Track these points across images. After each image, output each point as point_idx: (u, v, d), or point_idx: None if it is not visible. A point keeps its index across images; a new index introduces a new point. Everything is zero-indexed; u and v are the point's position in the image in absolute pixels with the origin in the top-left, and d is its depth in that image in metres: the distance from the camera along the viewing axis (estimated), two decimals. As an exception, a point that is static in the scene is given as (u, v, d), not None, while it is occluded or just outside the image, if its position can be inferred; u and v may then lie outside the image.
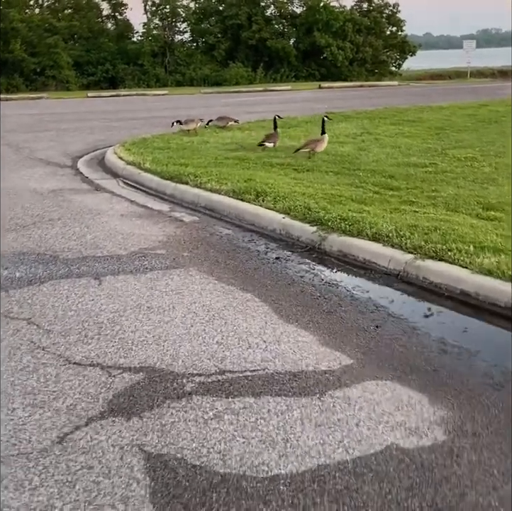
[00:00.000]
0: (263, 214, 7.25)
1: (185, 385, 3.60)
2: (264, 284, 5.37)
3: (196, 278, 5.48)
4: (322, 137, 11.31)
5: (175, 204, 8.59)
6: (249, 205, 7.63)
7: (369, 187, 8.80)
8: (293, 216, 6.96)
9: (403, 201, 7.91)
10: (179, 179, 9.14)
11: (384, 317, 4.66)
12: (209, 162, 10.44)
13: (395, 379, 3.72)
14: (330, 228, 6.40)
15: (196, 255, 6.20)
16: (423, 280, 5.28)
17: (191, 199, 8.48)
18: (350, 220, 6.48)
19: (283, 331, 4.39)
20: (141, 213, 7.99)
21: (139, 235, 6.89)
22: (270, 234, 6.99)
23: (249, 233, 7.09)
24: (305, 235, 6.54)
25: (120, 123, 19.97)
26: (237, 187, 8.21)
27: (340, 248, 6.10)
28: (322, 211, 6.89)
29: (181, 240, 6.73)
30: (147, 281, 5.40)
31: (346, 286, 5.34)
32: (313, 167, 10.23)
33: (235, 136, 14.15)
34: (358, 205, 7.46)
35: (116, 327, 4.43)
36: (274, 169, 10.01)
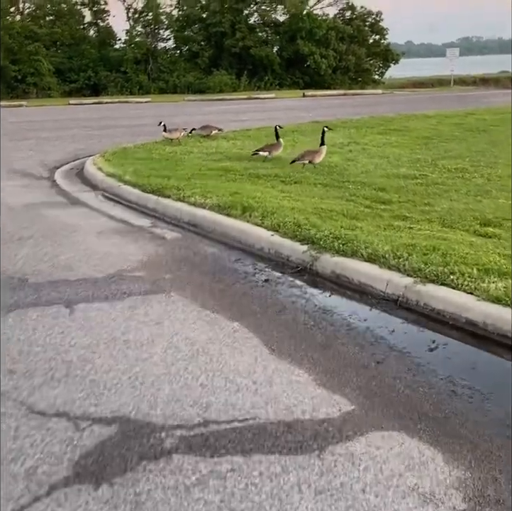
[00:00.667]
0: (250, 231, 6.81)
1: (164, 440, 3.14)
2: (252, 311, 4.92)
3: (178, 305, 5.02)
4: (320, 148, 10.93)
5: (157, 219, 8.13)
6: (235, 221, 7.18)
7: (359, 200, 8.40)
8: (282, 234, 6.52)
9: (395, 215, 7.51)
10: (161, 193, 8.68)
11: (384, 351, 4.22)
12: (193, 174, 9.99)
13: (402, 429, 3.28)
14: (322, 247, 5.97)
15: (179, 277, 5.74)
16: (424, 307, 4.86)
17: (174, 213, 8.03)
18: (343, 238, 6.05)
19: (275, 368, 3.94)
20: (120, 230, 7.52)
21: (117, 255, 6.42)
22: (258, 253, 6.55)
23: (236, 251, 6.65)
24: (296, 255, 6.10)
25: (102, 131, 19.49)
26: (223, 201, 7.77)
27: (333, 269, 5.67)
28: (313, 228, 6.46)
29: (162, 261, 6.26)
30: (124, 309, 4.93)
31: (342, 313, 4.90)
32: (300, 179, 9.81)
33: (220, 146, 13.71)
34: (350, 221, 7.05)
35: (87, 366, 3.96)
36: (260, 182, 9.58)
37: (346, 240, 6.01)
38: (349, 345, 4.30)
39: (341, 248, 5.85)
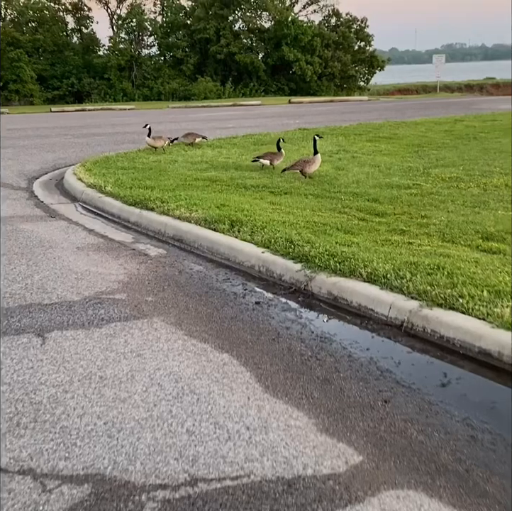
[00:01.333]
0: (239, 248, 6.36)
1: (144, 505, 2.69)
2: (243, 339, 4.48)
3: (162, 333, 4.57)
4: (313, 157, 10.51)
5: (139, 234, 7.68)
6: (223, 236, 6.74)
7: (353, 212, 8.00)
8: (273, 251, 6.08)
9: (392, 229, 7.11)
10: (144, 205, 8.22)
11: (391, 387, 3.79)
12: (177, 185, 9.54)
13: (419, 486, 2.85)
14: (318, 266, 5.53)
15: (162, 300, 5.28)
16: (431, 334, 4.43)
17: (158, 227, 7.57)
18: (340, 256, 5.62)
19: (270, 410, 3.50)
20: (100, 246, 7.06)
21: (96, 275, 5.96)
22: (248, 271, 6.11)
23: (224, 269, 6.21)
24: (289, 274, 5.66)
25: (84, 139, 18.99)
26: (209, 214, 7.32)
27: (330, 291, 5.23)
28: (306, 244, 6.03)
29: (144, 280, 5.81)
30: (101, 338, 4.47)
31: (341, 341, 4.47)
32: (290, 190, 9.40)
33: (205, 154, 13.27)
34: (345, 235, 6.63)
35: (58, 409, 3.50)
36: (248, 193, 9.15)
37: (343, 257, 5.58)
38: (352, 381, 3.87)
39: (338, 266, 5.42)
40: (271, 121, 24.15)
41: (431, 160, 12.85)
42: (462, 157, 13.23)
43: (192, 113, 30.28)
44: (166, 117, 27.40)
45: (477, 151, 14.16)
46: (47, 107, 37.36)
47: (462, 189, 9.85)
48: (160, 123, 22.89)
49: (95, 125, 23.74)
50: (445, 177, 10.76)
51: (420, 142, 15.88)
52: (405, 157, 13.38)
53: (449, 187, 9.96)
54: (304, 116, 26.17)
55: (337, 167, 11.97)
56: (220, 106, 36.88)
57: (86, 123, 25.30)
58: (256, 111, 30.89)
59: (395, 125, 20.21)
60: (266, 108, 34.16)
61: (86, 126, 23.46)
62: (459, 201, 8.91)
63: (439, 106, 33.47)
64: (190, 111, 33.39)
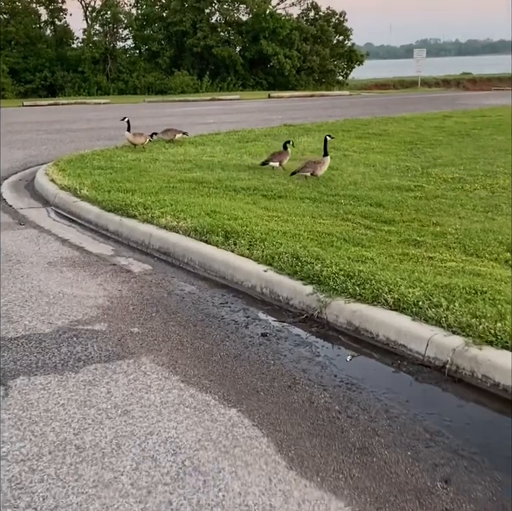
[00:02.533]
0: (237, 264, 5.52)
1: None
2: (253, 387, 3.65)
3: (152, 379, 3.73)
4: (323, 159, 9.70)
5: (120, 245, 6.82)
6: (217, 250, 5.89)
7: (357, 219, 7.22)
8: (277, 269, 5.25)
9: (405, 240, 6.35)
10: (124, 212, 7.34)
11: (449, 459, 2.99)
12: (161, 187, 8.66)
13: None
14: (333, 289, 4.72)
15: (151, 331, 4.44)
16: (483, 380, 3.64)
17: (141, 238, 6.71)
18: (357, 277, 4.81)
19: (301, 498, 2.68)
20: (75, 260, 6.18)
21: (71, 298, 5.09)
22: (248, 292, 5.28)
23: (220, 290, 5.37)
24: (299, 298, 4.84)
25: (57, 135, 17.99)
26: (200, 223, 6.47)
27: (349, 320, 4.42)
28: (315, 261, 5.21)
29: (128, 305, 4.95)
30: (78, 387, 3.62)
31: (373, 389, 3.66)
32: (284, 193, 8.59)
33: (188, 152, 12.38)
34: (355, 248, 5.84)
35: (23, 500, 2.65)
36: (239, 196, 8.32)
37: (361, 279, 4.77)
38: (396, 449, 3.06)
39: (357, 290, 4.61)
40: (252, 116, 23.29)
41: (428, 159, 12.13)
42: (459, 155, 12.52)
43: (170, 108, 29.30)
44: (143, 111, 26.39)
45: (474, 149, 13.46)
46: (19, 101, 36.05)
47: (468, 191, 9.14)
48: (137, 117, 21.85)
49: (69, 121, 22.69)
50: (447, 178, 10.04)
51: (412, 139, 15.14)
52: (399, 156, 12.64)
53: (453, 189, 9.24)
54: (286, 111, 25.33)
55: (330, 167, 11.12)
56: (198, 101, 35.90)
57: (59, 117, 24.23)
58: (236, 106, 30.00)
59: (383, 121, 19.47)
60: (246, 103, 33.26)
61: (59, 121, 22.40)
62: (468, 205, 8.20)
63: (422, 101, 32.84)
64: (167, 105, 32.38)
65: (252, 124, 19.27)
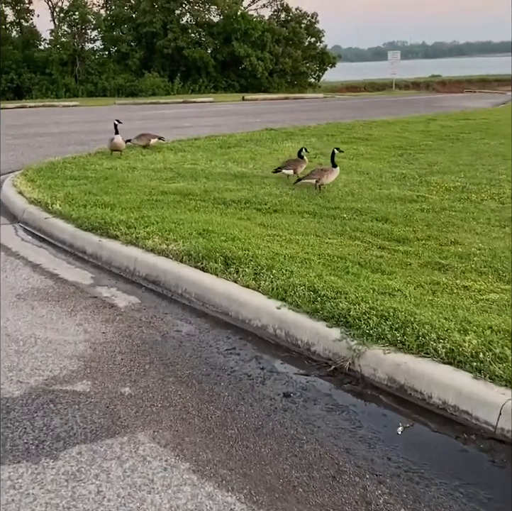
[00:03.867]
0: (243, 299, 4.67)
1: None
2: (286, 480, 2.82)
3: (154, 468, 2.87)
4: (331, 168, 8.98)
5: (100, 271, 5.93)
6: (217, 280, 5.04)
7: (367, 237, 6.44)
8: (293, 305, 4.42)
9: (427, 263, 5.60)
10: (104, 231, 6.44)
11: None
12: (142, 200, 7.78)
13: None
14: (366, 333, 3.89)
15: (146, 392, 3.58)
16: None
17: (125, 263, 5.82)
18: (393, 317, 4.00)
19: None
20: (49, 292, 5.28)
21: (45, 344, 4.21)
22: (258, 334, 4.43)
23: (224, 330, 4.52)
24: (323, 344, 4.01)
25: (25, 140, 16.93)
26: (193, 246, 5.61)
27: (391, 375, 3.60)
28: (337, 295, 4.39)
29: (116, 354, 4.08)
30: (58, 484, 2.75)
31: (443, 481, 2.83)
32: (280, 206, 7.79)
33: (168, 159, 11.50)
34: (375, 276, 5.05)
35: None
36: (230, 211, 7.48)
37: (398, 320, 3.95)
38: None
39: (397, 336, 3.79)
40: (230, 119, 22.43)
41: (422, 165, 11.43)
42: (454, 161, 11.83)
43: (142, 111, 28.28)
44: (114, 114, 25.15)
45: (468, 154, 12.79)
46: (-17, 104, 34.74)
47: (476, 202, 8.44)
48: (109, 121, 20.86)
49: (37, 124, 21.57)
50: (449, 187, 9.34)
51: (401, 144, 14.43)
52: (391, 162, 11.93)
53: (460, 200, 8.53)
54: (264, 115, 24.52)
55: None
56: (170, 103, 34.91)
57: (27, 121, 23.10)
58: (211, 109, 29.10)
59: (366, 124, 18.77)
60: (220, 105, 32.36)
61: (27, 125, 21.28)
62: (481, 218, 7.50)
63: (399, 103, 32.28)
64: (139, 107, 31.34)
65: (231, 128, 18.43)
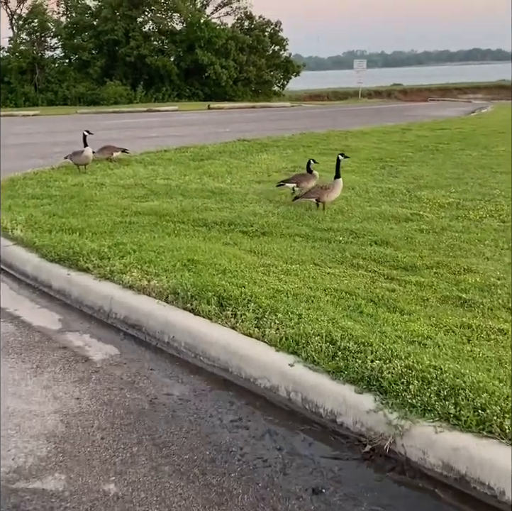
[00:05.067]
0: (245, 351, 3.89)
1: None
2: None
3: None
4: (333, 182, 8.15)
5: (70, 311, 5.09)
6: (211, 326, 4.24)
7: (370, 265, 5.74)
8: (309, 361, 3.65)
9: (446, 298, 4.96)
10: (73, 262, 5.60)
11: None
12: (115, 223, 6.96)
13: None
14: (408, 403, 3.14)
15: (136, 490, 2.78)
16: None
17: (99, 303, 4.99)
18: (438, 381, 3.26)
19: None
20: (9, 341, 4.44)
21: (4, 419, 3.36)
22: (267, 396, 3.65)
23: (226, 392, 3.73)
24: (353, 415, 3.25)
25: (-19, 152, 15.88)
26: (179, 282, 4.81)
27: (448, 462, 2.86)
28: (361, 347, 3.66)
29: (94, 430, 3.27)
30: None
31: None
32: (268, 228, 7.07)
33: (138, 174, 10.67)
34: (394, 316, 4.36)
35: None
36: (214, 234, 6.71)
37: (445, 385, 3.21)
38: None
39: (449, 408, 3.04)
40: (198, 129, 21.64)
41: (408, 179, 10.80)
42: (440, 174, 11.24)
43: (105, 120, 27.30)
44: (76, 124, 24.31)
45: (453, 167, 12.20)
46: None
47: (475, 220, 7.82)
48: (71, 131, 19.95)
49: (-6, 135, 20.49)
50: (442, 203, 8.72)
51: (380, 155, 13.81)
52: (375, 175, 11.29)
53: (457, 218, 7.90)
54: (232, 124, 23.77)
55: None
56: (134, 112, 33.96)
57: (-17, 132, 21.97)
58: (176, 118, 28.23)
59: (341, 135, 18.15)
60: (186, 114, 31.51)
61: (-17, 136, 20.20)
62: (486, 239, 6.89)
63: (368, 113, 31.86)
64: (101, 117, 30.34)
65: (200, 138, 17.67)
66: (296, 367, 3.60)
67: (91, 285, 5.15)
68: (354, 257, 5.97)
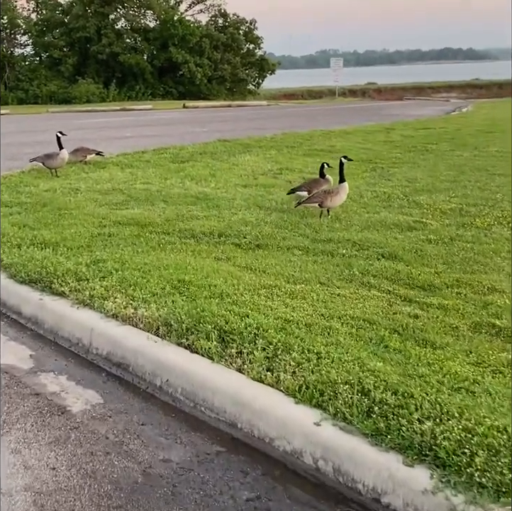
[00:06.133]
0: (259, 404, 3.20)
1: None
2: None
3: None
4: (338, 187, 7.47)
5: (43, 343, 4.36)
6: (211, 367, 3.55)
7: (383, 284, 5.11)
8: (339, 419, 2.97)
9: (477, 325, 4.41)
10: (46, 284, 4.86)
11: None
12: (92, 235, 6.24)
13: None
14: (477, 483, 2.48)
15: None
16: None
17: (77, 334, 4.27)
18: (506, 449, 2.60)
19: None
20: (-29, 384, 3.70)
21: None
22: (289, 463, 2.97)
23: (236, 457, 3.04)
24: (404, 494, 2.59)
25: None
26: (171, 311, 4.11)
27: None
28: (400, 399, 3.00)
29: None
30: None
31: None
32: (262, 239, 6.43)
33: (115, 178, 9.92)
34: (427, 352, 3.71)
35: None
36: (204, 247, 6.02)
37: (515, 453, 2.56)
38: None
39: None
40: (174, 129, 20.86)
41: (402, 182, 10.20)
42: (435, 177, 10.67)
43: (77, 119, 26.40)
44: (48, 124, 23.41)
45: (446, 169, 11.62)
46: None
47: (483, 228, 7.25)
48: (43, 131, 19.13)
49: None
50: (444, 209, 8.13)
51: (369, 157, 13.20)
52: (366, 179, 10.68)
53: (464, 226, 7.33)
54: (210, 123, 23.03)
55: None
56: (108, 111, 33.05)
57: (-50, 131, 21.00)
58: (151, 117, 27.39)
59: (324, 135, 17.54)
60: (161, 113, 30.67)
61: (-50, 136, 19.25)
62: (502, 252, 6.36)
63: (346, 112, 31.30)
64: (74, 115, 29.41)
65: (177, 138, 16.94)
66: (324, 427, 2.92)
67: (67, 313, 4.42)
68: (363, 275, 5.32)
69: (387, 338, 3.91)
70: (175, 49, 46.01)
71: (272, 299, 4.53)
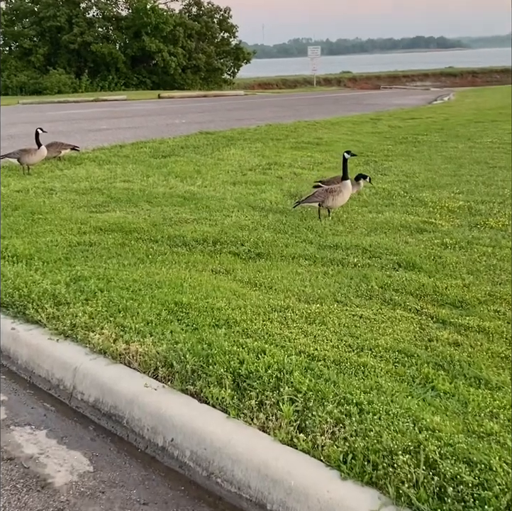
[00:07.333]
0: (295, 483, 2.50)
1: None
2: None
3: None
4: (340, 185, 6.79)
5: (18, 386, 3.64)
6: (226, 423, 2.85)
7: (409, 302, 4.55)
8: (402, 503, 2.31)
9: None
10: (19, 310, 4.12)
11: None
12: (71, 245, 5.51)
13: None
14: None
15: None
16: None
17: (57, 375, 3.54)
18: None
19: None
20: None
21: None
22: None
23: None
24: None
25: None
26: (171, 347, 3.41)
27: None
28: (476, 474, 2.34)
29: None
30: None
31: None
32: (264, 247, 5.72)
33: (93, 175, 9.16)
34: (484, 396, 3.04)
35: None
36: (197, 257, 5.33)
37: None
38: None
39: None
40: (151, 120, 20.03)
41: (399, 177, 9.61)
42: (434, 171, 10.07)
43: (49, 111, 25.42)
44: (19, 116, 22.45)
45: (443, 162, 11.04)
46: None
47: (500, 229, 6.73)
48: (13, 124, 18.23)
49: None
50: (452, 207, 7.55)
51: (359, 149, 12.53)
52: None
53: (477, 226, 6.77)
54: (187, 114, 22.22)
55: (289, 193, 8.35)
56: (81, 102, 32.04)
57: None
58: (125, 108, 26.48)
59: (309, 126, 16.87)
60: (135, 104, 29.76)
61: None
62: (524, 256, 5.65)
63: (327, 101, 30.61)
64: (46, 107, 28.39)
65: (155, 131, 16.18)
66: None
67: (44, 346, 3.69)
68: (383, 290, 4.67)
69: (433, 377, 3.26)
70: (148, 38, 45.05)
71: (287, 325, 3.85)
